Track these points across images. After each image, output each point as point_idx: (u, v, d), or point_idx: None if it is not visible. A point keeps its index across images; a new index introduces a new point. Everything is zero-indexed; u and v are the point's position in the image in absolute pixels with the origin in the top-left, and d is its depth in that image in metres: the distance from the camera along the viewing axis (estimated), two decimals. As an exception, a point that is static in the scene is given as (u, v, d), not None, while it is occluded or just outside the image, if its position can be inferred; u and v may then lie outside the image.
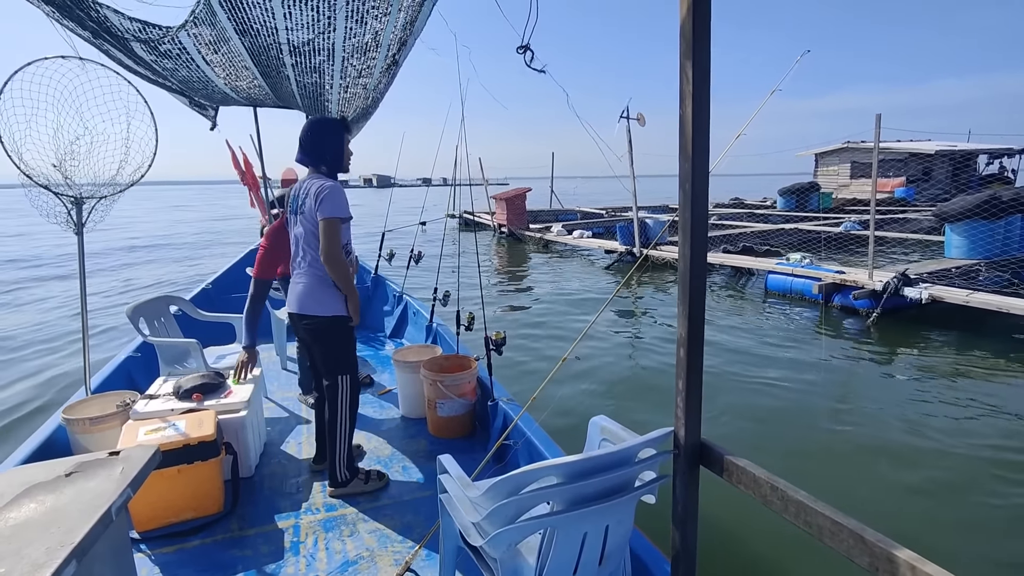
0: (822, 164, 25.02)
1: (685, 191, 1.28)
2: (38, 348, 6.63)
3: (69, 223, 2.81)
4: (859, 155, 23.02)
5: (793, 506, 1.16)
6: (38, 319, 8.07)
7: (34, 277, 11.71)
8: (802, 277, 8.60)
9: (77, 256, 2.95)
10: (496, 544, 1.38)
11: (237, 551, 2.30)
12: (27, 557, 1.36)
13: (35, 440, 2.64)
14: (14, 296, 9.83)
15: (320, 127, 2.52)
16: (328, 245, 2.35)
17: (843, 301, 7.87)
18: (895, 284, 7.25)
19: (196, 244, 18.03)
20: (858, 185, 22.82)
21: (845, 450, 4.00)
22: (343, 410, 2.59)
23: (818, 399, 4.91)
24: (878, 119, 7.05)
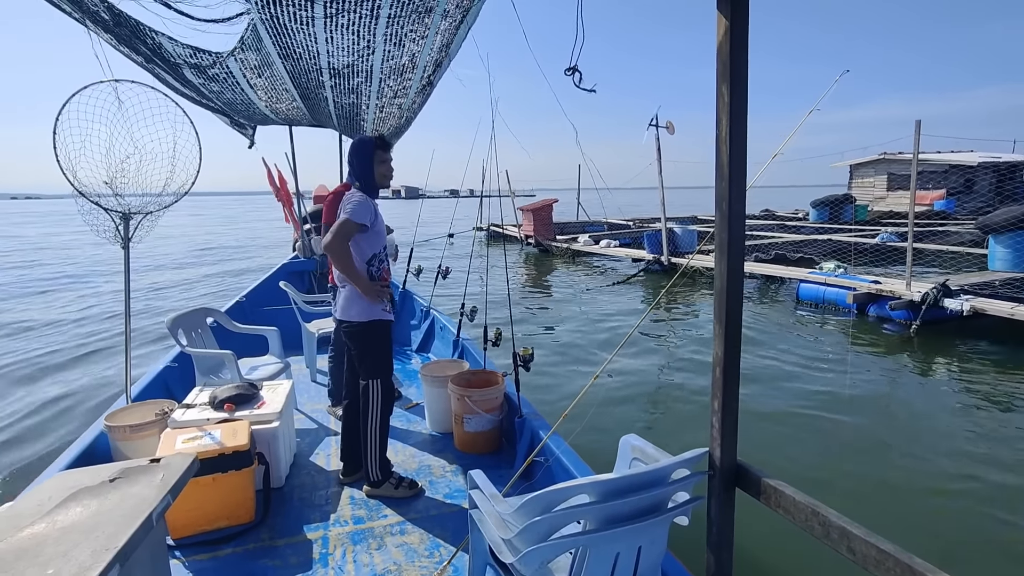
0: (857, 176, 24.45)
1: (722, 211, 1.28)
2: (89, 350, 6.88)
3: (117, 237, 2.93)
4: (896, 166, 22.43)
5: (835, 532, 1.13)
6: (89, 327, 8.38)
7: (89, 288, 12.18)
8: (835, 286, 8.40)
9: (123, 269, 3.07)
10: (528, 562, 1.37)
11: (268, 560, 2.33)
12: (74, 560, 1.41)
13: (79, 446, 2.74)
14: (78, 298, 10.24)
15: (353, 148, 2.72)
16: (331, 237, 2.53)
17: (878, 312, 7.66)
18: (935, 295, 7.03)
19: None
20: (895, 197, 22.21)
21: (886, 470, 3.85)
22: (374, 411, 2.71)
23: (858, 415, 4.76)
24: (918, 125, 6.90)
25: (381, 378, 2.72)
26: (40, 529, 1.56)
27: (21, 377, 6.18)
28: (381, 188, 2.77)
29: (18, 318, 9.14)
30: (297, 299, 4.75)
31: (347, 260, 2.58)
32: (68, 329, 8.34)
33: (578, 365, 6.38)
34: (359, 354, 2.74)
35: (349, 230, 2.57)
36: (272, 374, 3.68)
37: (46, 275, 14.14)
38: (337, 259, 2.57)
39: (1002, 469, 3.87)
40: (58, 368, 6.47)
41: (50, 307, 10.08)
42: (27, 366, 6.53)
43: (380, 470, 2.77)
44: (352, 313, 2.69)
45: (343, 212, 2.59)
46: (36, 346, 7.35)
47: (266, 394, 3.12)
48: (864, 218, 19.80)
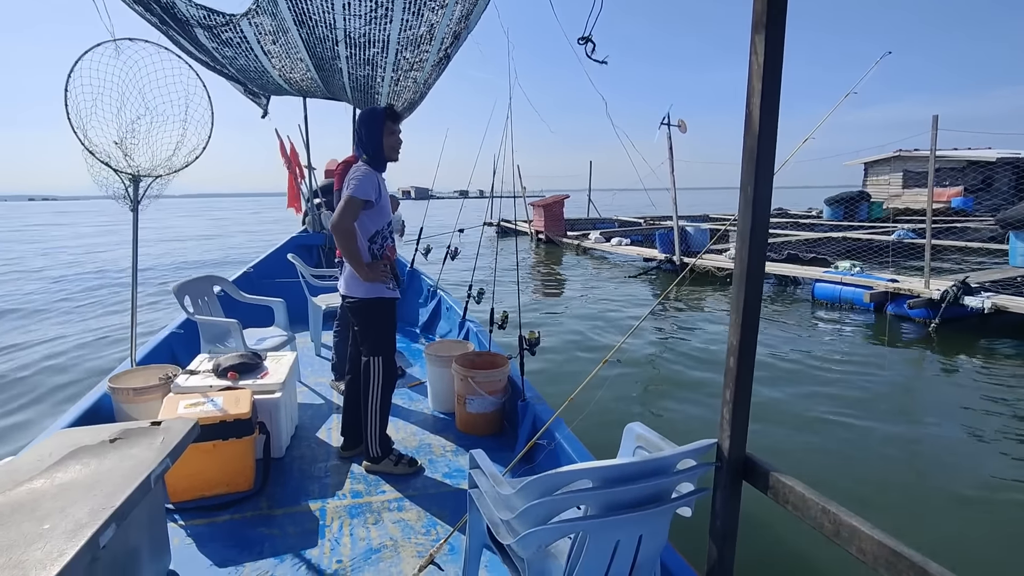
0: (872, 173, 24.05)
1: (746, 194, 1.23)
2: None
3: (126, 199, 2.91)
4: (912, 164, 22.02)
5: (846, 531, 1.09)
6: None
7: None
8: (852, 286, 8.31)
9: (132, 231, 3.05)
10: (526, 544, 1.34)
11: (264, 529, 2.33)
12: (71, 516, 1.40)
13: (82, 405, 2.74)
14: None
15: (361, 118, 2.66)
16: (337, 215, 2.48)
17: (897, 311, 7.57)
18: (954, 293, 6.92)
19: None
20: (911, 195, 21.79)
21: (906, 471, 3.81)
22: (375, 388, 2.70)
23: (878, 413, 4.70)
24: (935, 120, 6.76)
25: (383, 355, 2.70)
26: (39, 485, 1.55)
27: (31, 327, 6.24)
28: (390, 161, 2.70)
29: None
30: (305, 272, 4.73)
31: (351, 242, 2.53)
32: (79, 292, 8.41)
33: (584, 353, 6.35)
34: (361, 331, 2.72)
35: (355, 208, 2.50)
36: (277, 345, 3.68)
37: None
38: (341, 240, 2.51)
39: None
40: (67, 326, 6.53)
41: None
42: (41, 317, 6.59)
43: (380, 446, 2.76)
44: (356, 289, 2.66)
45: (347, 188, 2.53)
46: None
47: (270, 364, 3.11)
48: (880, 216, 19.48)
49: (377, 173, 2.62)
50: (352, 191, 2.48)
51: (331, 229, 2.52)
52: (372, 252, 2.65)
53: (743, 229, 1.25)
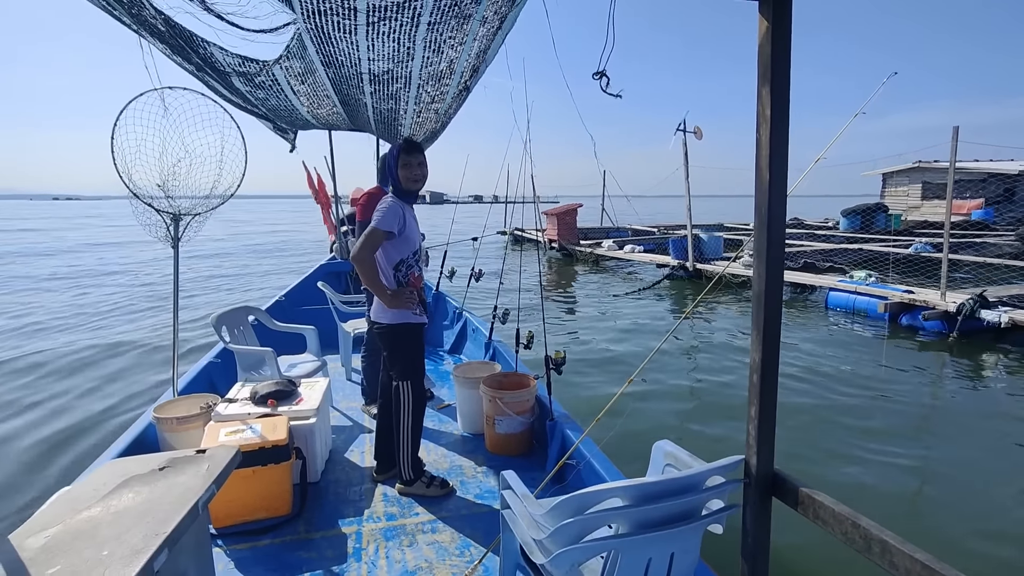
0: (890, 184, 23.63)
1: (761, 215, 1.27)
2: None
3: (167, 237, 3.07)
4: (931, 175, 21.59)
5: (877, 546, 1.10)
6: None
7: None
8: (866, 295, 8.18)
9: (172, 268, 3.21)
10: (559, 564, 1.37)
11: (303, 553, 2.39)
12: (127, 543, 1.48)
13: (129, 435, 2.87)
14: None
15: (386, 153, 2.80)
16: (357, 246, 2.57)
17: (911, 322, 7.45)
18: (971, 306, 6.80)
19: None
20: (930, 207, 21.35)
21: (930, 487, 3.70)
22: (405, 411, 2.75)
23: (900, 426, 4.58)
24: (955, 132, 6.68)
25: (412, 380, 2.76)
26: (96, 513, 1.64)
27: (76, 366, 6.51)
28: (409, 192, 2.71)
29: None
30: (334, 299, 4.86)
31: (371, 272, 2.58)
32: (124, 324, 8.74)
33: (607, 370, 6.33)
34: (390, 356, 2.79)
35: (376, 240, 2.58)
36: (310, 371, 3.78)
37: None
38: (361, 270, 2.59)
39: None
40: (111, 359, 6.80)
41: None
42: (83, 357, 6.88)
43: (412, 469, 2.81)
44: (383, 315, 2.73)
45: (372, 220, 2.61)
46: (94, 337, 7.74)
47: (304, 391, 3.20)
48: (897, 227, 19.03)
49: (402, 204, 2.69)
50: (375, 223, 2.57)
51: (351, 259, 2.60)
52: (397, 279, 2.71)
53: (759, 248, 1.29)
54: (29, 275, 14.32)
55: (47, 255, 19.62)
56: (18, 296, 11.34)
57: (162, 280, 12.87)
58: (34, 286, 12.61)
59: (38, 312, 9.72)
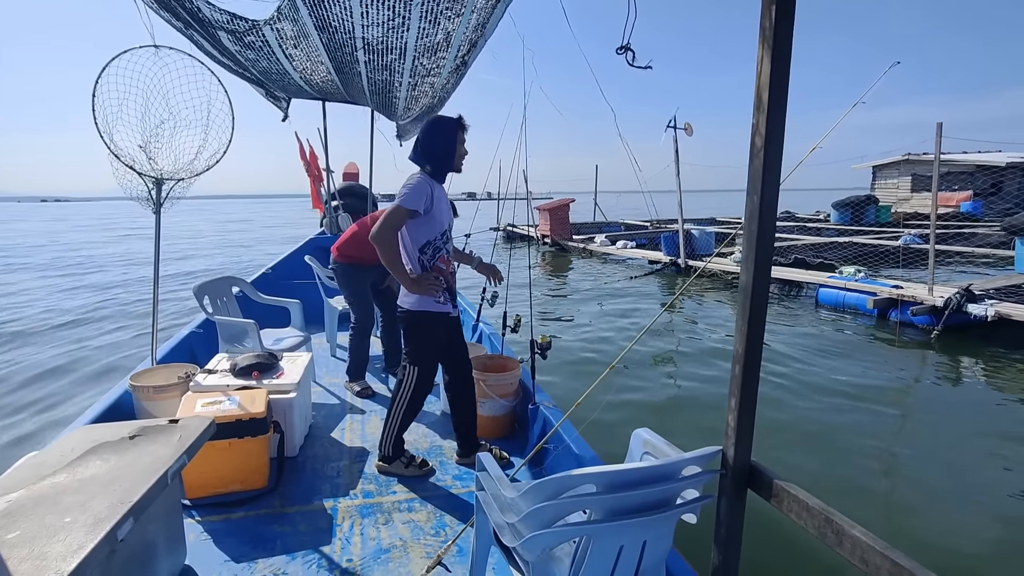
0: (880, 177, 23.88)
1: (752, 204, 1.24)
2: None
3: (149, 202, 2.99)
4: (921, 167, 21.84)
5: (848, 541, 1.09)
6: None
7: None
8: (856, 291, 8.28)
9: (154, 233, 3.14)
10: (530, 547, 1.36)
11: (278, 527, 2.38)
12: (91, 510, 1.45)
13: (104, 402, 2.83)
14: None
15: (432, 127, 2.55)
16: (378, 225, 2.43)
17: (900, 317, 7.54)
18: (957, 300, 6.87)
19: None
20: (920, 199, 21.62)
21: (905, 479, 3.75)
22: (403, 394, 2.70)
23: (876, 420, 4.64)
24: (939, 128, 6.70)
25: (420, 367, 2.68)
26: (61, 479, 1.61)
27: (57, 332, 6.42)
28: (455, 172, 2.62)
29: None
30: (321, 274, 4.80)
31: (391, 253, 2.46)
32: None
33: (594, 355, 6.35)
34: (405, 338, 2.70)
35: (398, 219, 2.44)
36: (293, 346, 3.74)
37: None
38: (381, 250, 2.44)
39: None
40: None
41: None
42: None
43: (393, 448, 2.78)
44: (405, 299, 2.61)
45: (397, 198, 2.46)
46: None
47: (285, 365, 3.17)
48: (887, 220, 19.24)
49: (432, 182, 2.54)
50: (400, 200, 2.43)
51: (371, 239, 2.45)
52: (422, 263, 2.57)
53: (749, 239, 1.26)
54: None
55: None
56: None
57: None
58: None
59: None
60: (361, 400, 3.78)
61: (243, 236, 25.79)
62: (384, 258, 2.47)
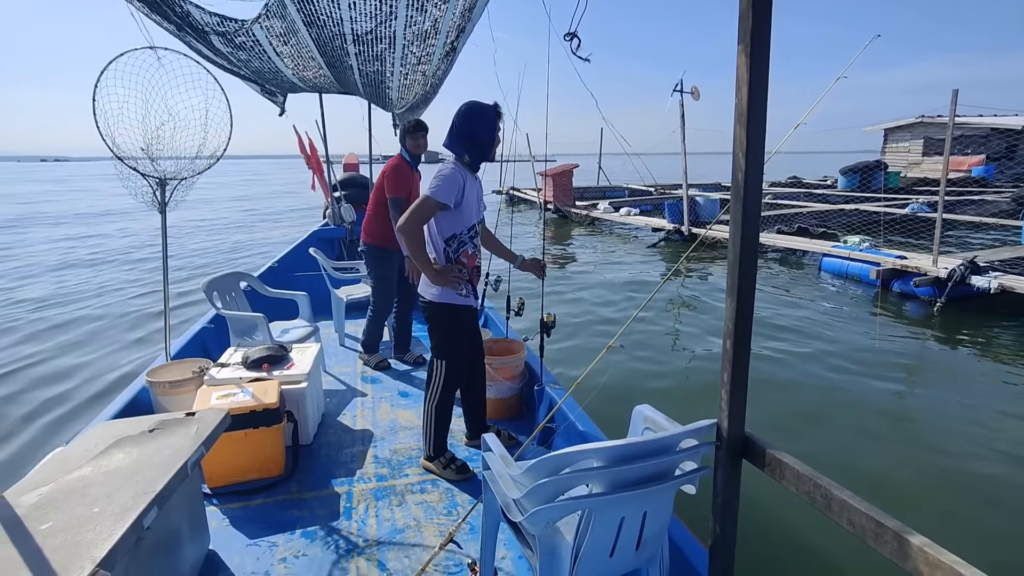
0: (891, 140, 23.48)
1: (737, 181, 1.27)
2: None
3: (154, 202, 3.05)
4: (934, 130, 21.39)
5: (836, 504, 1.14)
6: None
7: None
8: (859, 261, 8.24)
9: (160, 233, 3.20)
10: (534, 521, 1.42)
11: (296, 512, 2.47)
12: (117, 500, 1.53)
13: (123, 399, 2.92)
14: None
15: (470, 115, 2.47)
16: (405, 216, 2.36)
17: (903, 288, 7.50)
18: (962, 272, 6.82)
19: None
20: (930, 163, 21.24)
21: (901, 449, 3.80)
22: (434, 388, 2.67)
23: (873, 391, 4.68)
24: (954, 95, 6.58)
25: (447, 360, 2.65)
26: (87, 472, 1.69)
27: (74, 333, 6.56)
28: (490, 162, 2.57)
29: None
30: (326, 265, 4.86)
31: (415, 245, 2.40)
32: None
33: (595, 331, 6.41)
34: (429, 330, 2.67)
35: (427, 211, 2.38)
36: (302, 337, 3.81)
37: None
38: (406, 240, 2.40)
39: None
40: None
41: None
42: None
43: (433, 447, 2.74)
44: (427, 290, 2.57)
45: (428, 188, 2.38)
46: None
47: (296, 356, 3.24)
48: (896, 185, 18.93)
49: (467, 175, 2.48)
50: (431, 191, 2.36)
51: (396, 230, 2.42)
52: (447, 255, 2.53)
53: (736, 214, 1.29)
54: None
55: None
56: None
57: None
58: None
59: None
60: (371, 386, 3.86)
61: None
62: (409, 250, 2.43)
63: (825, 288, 8.15)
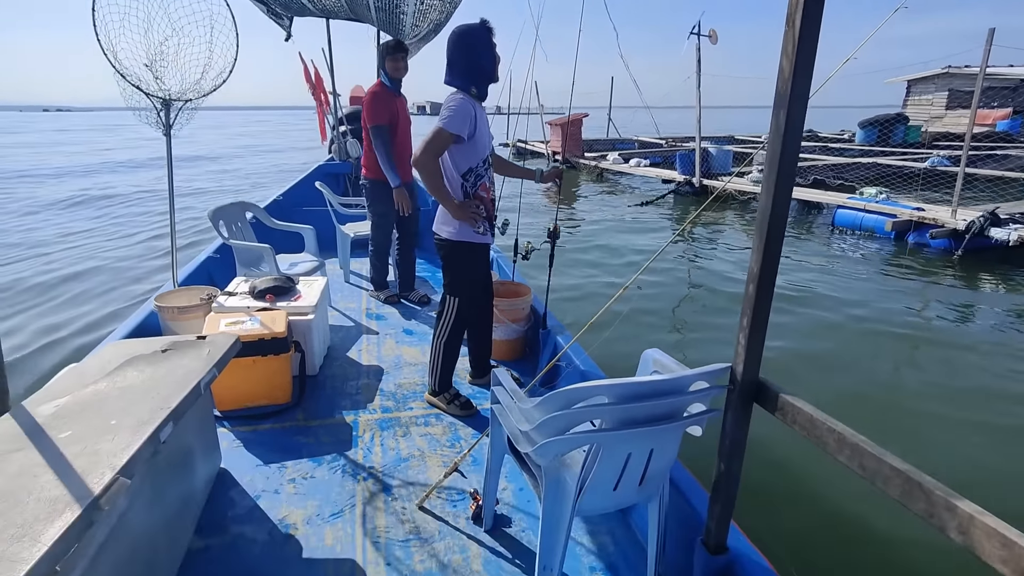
0: (914, 92, 22.62)
1: (778, 119, 1.21)
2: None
3: (159, 124, 2.96)
4: (959, 82, 20.49)
5: (848, 448, 1.15)
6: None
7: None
8: (875, 213, 8.10)
9: (166, 156, 3.12)
10: (543, 453, 1.45)
11: (303, 438, 2.53)
12: (133, 414, 1.55)
13: (132, 322, 2.93)
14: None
15: (463, 41, 2.34)
16: (420, 149, 2.29)
17: (918, 240, 7.43)
18: (981, 223, 6.75)
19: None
20: (953, 117, 20.44)
21: (914, 397, 3.87)
22: (445, 324, 2.67)
23: (887, 339, 4.72)
24: (990, 34, 6.30)
25: (460, 298, 2.64)
26: (103, 387, 1.71)
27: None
28: (490, 84, 2.44)
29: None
30: (332, 200, 4.79)
31: (435, 179, 2.34)
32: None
33: (603, 282, 6.41)
34: (444, 268, 2.65)
35: (441, 143, 2.30)
36: (308, 270, 3.80)
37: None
38: (425, 177, 2.33)
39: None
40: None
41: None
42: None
43: (439, 382, 2.76)
44: (443, 227, 2.52)
45: (439, 120, 2.30)
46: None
47: (302, 288, 3.24)
48: (916, 139, 18.40)
49: (476, 104, 2.37)
50: (443, 123, 2.27)
51: (413, 164, 2.36)
52: (464, 191, 2.46)
53: (772, 155, 1.24)
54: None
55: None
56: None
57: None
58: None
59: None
60: (377, 323, 3.88)
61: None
62: (428, 185, 2.37)
63: (835, 242, 8.06)
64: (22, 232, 8.33)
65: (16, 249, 7.25)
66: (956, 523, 0.95)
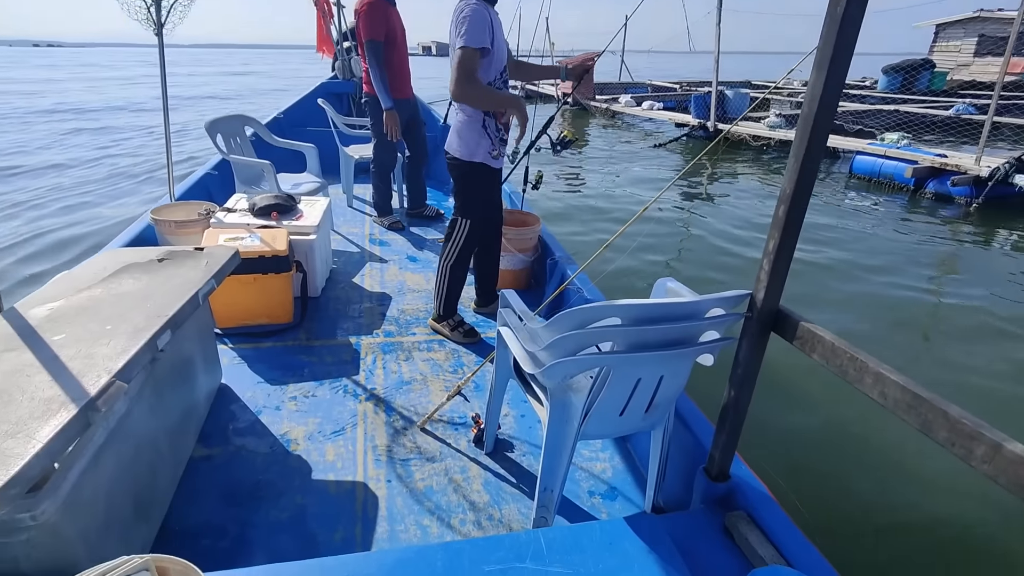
0: (942, 38, 21.49)
1: (834, 13, 1.08)
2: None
3: (149, 21, 2.76)
4: (991, 27, 19.43)
5: (870, 377, 1.11)
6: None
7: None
8: (895, 159, 7.81)
9: (158, 60, 2.94)
10: (552, 374, 1.41)
11: (305, 357, 2.52)
12: (130, 320, 1.50)
13: (127, 234, 2.86)
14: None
15: None
16: (455, 81, 2.15)
17: (938, 188, 7.21)
18: (1006, 170, 6.55)
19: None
20: (981, 65, 19.50)
21: (934, 339, 3.88)
22: (453, 247, 2.60)
23: (904, 288, 4.68)
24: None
25: (472, 219, 2.55)
26: (97, 293, 1.65)
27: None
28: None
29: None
30: (336, 120, 4.60)
31: (485, 95, 2.23)
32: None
33: (616, 214, 6.30)
34: (455, 189, 2.56)
35: (472, 64, 2.13)
36: (310, 191, 3.68)
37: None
38: (474, 103, 2.24)
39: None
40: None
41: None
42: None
43: (443, 307, 2.71)
44: (455, 146, 2.42)
45: (457, 38, 2.13)
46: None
47: (304, 208, 3.14)
48: (941, 87, 17.58)
49: (489, 8, 2.20)
50: (465, 40, 2.09)
51: (455, 99, 2.23)
52: (485, 111, 2.34)
53: (822, 57, 1.12)
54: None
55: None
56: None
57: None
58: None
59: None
60: (380, 248, 3.81)
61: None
62: (483, 104, 2.27)
63: (852, 190, 7.85)
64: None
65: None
66: (982, 451, 0.92)
